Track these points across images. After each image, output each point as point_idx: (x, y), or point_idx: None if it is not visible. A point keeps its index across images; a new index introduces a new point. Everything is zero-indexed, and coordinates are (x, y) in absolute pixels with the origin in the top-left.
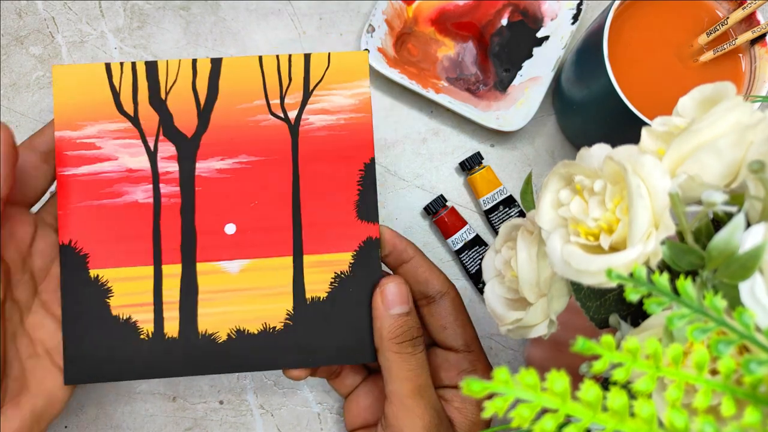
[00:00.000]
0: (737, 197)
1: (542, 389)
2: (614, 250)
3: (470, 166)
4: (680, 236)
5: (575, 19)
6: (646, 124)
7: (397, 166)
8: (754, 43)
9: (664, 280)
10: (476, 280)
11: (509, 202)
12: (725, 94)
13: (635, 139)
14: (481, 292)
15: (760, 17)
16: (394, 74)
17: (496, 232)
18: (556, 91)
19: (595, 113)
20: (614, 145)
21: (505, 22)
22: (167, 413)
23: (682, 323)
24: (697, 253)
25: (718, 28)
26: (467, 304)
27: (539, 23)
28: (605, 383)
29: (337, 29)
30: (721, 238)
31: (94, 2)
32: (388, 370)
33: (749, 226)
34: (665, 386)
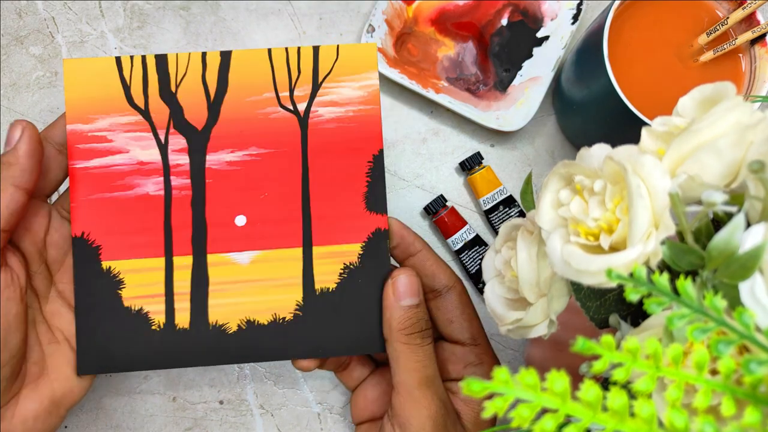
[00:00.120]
0: (737, 197)
1: (542, 389)
2: (614, 250)
3: (470, 166)
4: (680, 236)
5: (575, 19)
6: (646, 124)
7: (397, 166)
8: (754, 43)
9: (664, 280)
10: (476, 280)
11: (509, 202)
12: (725, 94)
13: (635, 139)
14: (481, 292)
15: (760, 17)
16: (394, 74)
17: (496, 232)
18: (556, 91)
19: (595, 113)
20: (614, 145)
21: (505, 22)
22: (167, 413)
23: (682, 323)
24: (697, 253)
25: (718, 28)
26: None
27: (539, 23)
28: (605, 383)
29: (337, 29)
30: (721, 238)
31: (94, 2)
32: (396, 360)
33: (749, 226)
34: (665, 386)
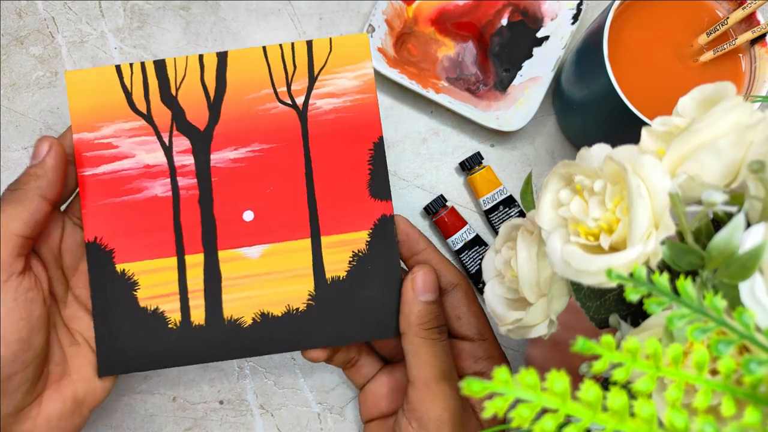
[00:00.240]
0: (737, 197)
1: (542, 389)
2: (614, 250)
3: (470, 166)
4: (680, 236)
5: (575, 19)
6: (646, 124)
7: (397, 166)
8: (754, 43)
9: (664, 280)
10: (476, 280)
11: (509, 202)
12: (725, 94)
13: (635, 139)
14: (481, 292)
15: (760, 17)
16: (394, 74)
17: (496, 232)
18: (556, 91)
19: (595, 113)
20: (614, 145)
21: (505, 22)
22: (167, 413)
23: (682, 323)
24: (697, 253)
25: (718, 28)
26: None
27: (539, 23)
28: (605, 383)
29: (337, 29)
30: (721, 238)
31: (94, 2)
32: (414, 354)
33: (749, 226)
34: (665, 386)
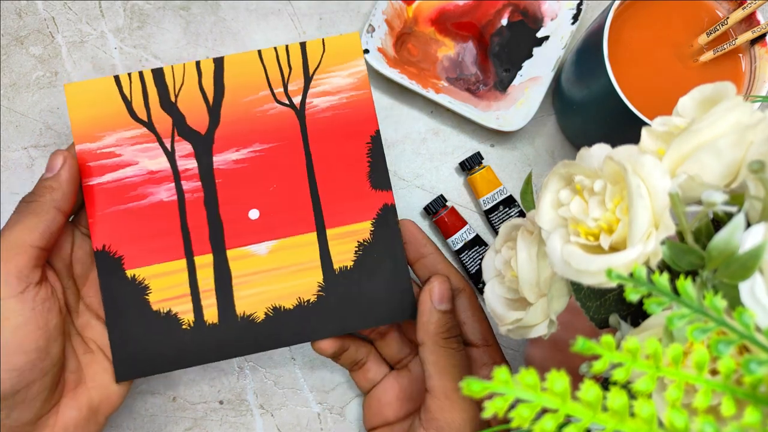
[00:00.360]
0: (737, 197)
1: (542, 389)
2: (614, 250)
3: (470, 166)
4: (680, 236)
5: (575, 19)
6: (646, 124)
7: (397, 166)
8: (754, 43)
9: (664, 280)
10: (476, 280)
11: (509, 202)
12: (725, 94)
13: (635, 139)
14: (481, 292)
15: (760, 17)
16: (394, 74)
17: (496, 232)
18: (556, 91)
19: (595, 113)
20: (614, 145)
21: (505, 22)
22: (167, 413)
23: (682, 323)
24: (697, 253)
25: (718, 28)
26: None
27: (539, 23)
28: (605, 383)
29: (337, 29)
30: (721, 238)
31: (94, 2)
32: (433, 364)
33: (749, 226)
34: (665, 386)
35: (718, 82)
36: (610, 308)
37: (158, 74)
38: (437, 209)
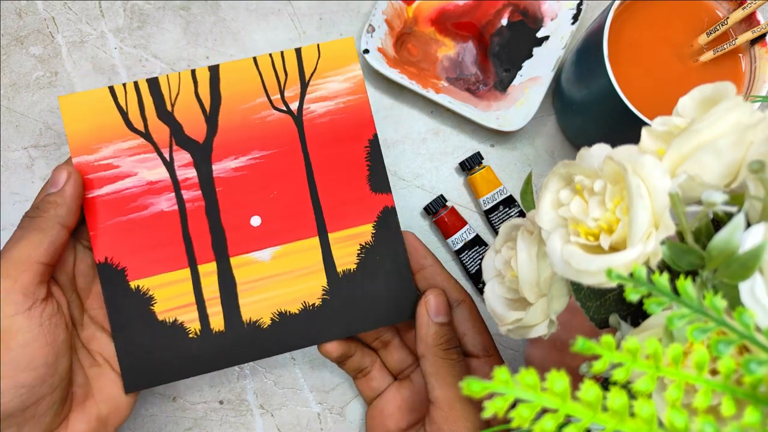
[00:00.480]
0: (737, 197)
1: (542, 389)
2: (614, 250)
3: (470, 166)
4: (680, 236)
5: (575, 19)
6: (646, 124)
7: (397, 166)
8: (754, 43)
9: (664, 280)
10: (476, 280)
11: (509, 202)
12: (725, 94)
13: (635, 139)
14: (481, 292)
15: (760, 17)
16: (394, 74)
17: (496, 232)
18: (556, 91)
19: (595, 113)
20: (614, 145)
21: (505, 22)
22: (167, 413)
23: (682, 323)
24: (697, 253)
25: (718, 28)
26: None
27: (539, 23)
28: (605, 383)
29: (337, 29)
30: (721, 238)
31: (94, 2)
32: (434, 376)
33: (749, 226)
34: (665, 386)
35: (718, 82)
36: (610, 308)
37: (153, 84)
38: (437, 209)
